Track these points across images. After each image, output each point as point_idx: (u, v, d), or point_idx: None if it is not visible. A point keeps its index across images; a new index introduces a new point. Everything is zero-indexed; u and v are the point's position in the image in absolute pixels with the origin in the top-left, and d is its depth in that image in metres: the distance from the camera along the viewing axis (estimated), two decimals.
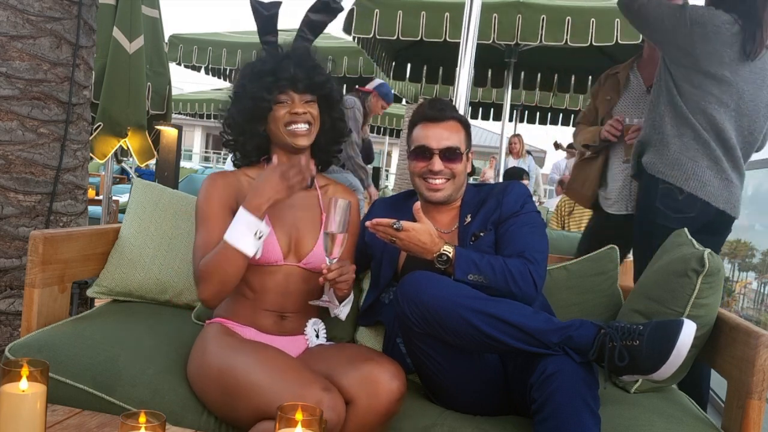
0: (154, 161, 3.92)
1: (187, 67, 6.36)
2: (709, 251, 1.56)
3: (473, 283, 1.51)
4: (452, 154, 1.69)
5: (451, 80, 5.47)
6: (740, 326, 1.49)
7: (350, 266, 1.52)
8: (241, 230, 1.48)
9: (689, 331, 1.35)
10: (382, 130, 11.36)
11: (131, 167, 7.79)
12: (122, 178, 8.43)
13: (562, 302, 1.87)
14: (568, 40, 3.87)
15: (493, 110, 7.71)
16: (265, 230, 1.51)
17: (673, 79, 2.12)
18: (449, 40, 3.85)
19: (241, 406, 1.38)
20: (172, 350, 1.65)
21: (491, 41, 3.99)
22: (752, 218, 3.53)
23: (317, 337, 1.66)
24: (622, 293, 1.91)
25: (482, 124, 17.78)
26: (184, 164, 13.11)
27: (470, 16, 2.45)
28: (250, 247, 1.49)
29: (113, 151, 3.44)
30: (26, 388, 1.06)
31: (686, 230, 1.77)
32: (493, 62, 5.44)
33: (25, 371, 1.06)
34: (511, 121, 7.77)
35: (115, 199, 4.89)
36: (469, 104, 2.58)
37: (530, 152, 8.08)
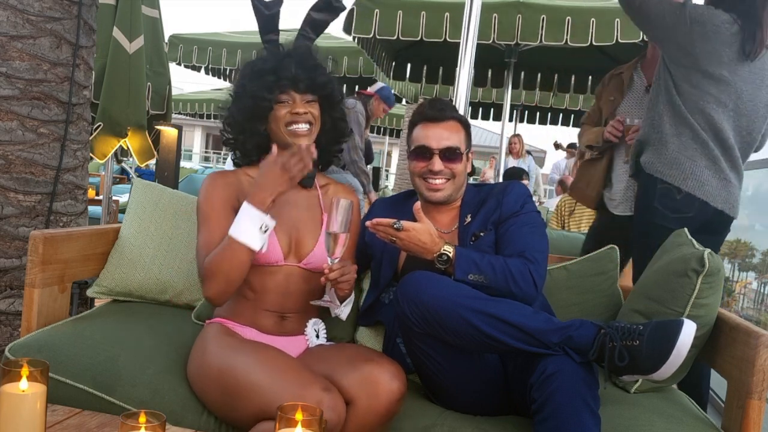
0: (154, 161, 3.92)
1: (187, 67, 6.36)
2: (709, 251, 1.56)
3: (473, 283, 1.51)
4: (452, 154, 1.69)
5: (451, 80, 5.48)
6: (740, 326, 1.49)
7: (352, 266, 1.52)
8: (246, 225, 1.47)
9: (689, 331, 1.35)
10: (382, 130, 11.37)
11: (131, 167, 7.79)
12: (122, 178, 8.43)
13: (562, 302, 1.86)
14: (568, 40, 3.87)
15: (493, 110, 7.72)
16: (270, 223, 1.50)
17: (672, 78, 2.12)
18: (449, 40, 3.85)
19: (241, 406, 1.38)
20: (172, 350, 1.65)
21: (491, 41, 3.99)
22: (752, 218, 3.53)
23: (317, 337, 1.66)
24: (622, 293, 1.91)
25: (482, 124, 17.79)
26: (184, 164, 13.11)
27: (470, 16, 2.45)
28: (256, 241, 1.48)
29: (113, 151, 3.44)
30: (26, 388, 1.06)
31: (686, 230, 1.77)
32: (493, 62, 5.44)
33: (25, 371, 1.06)
34: (511, 121, 7.77)
35: (115, 199, 4.89)
36: (469, 104, 2.58)
37: (530, 152, 8.08)
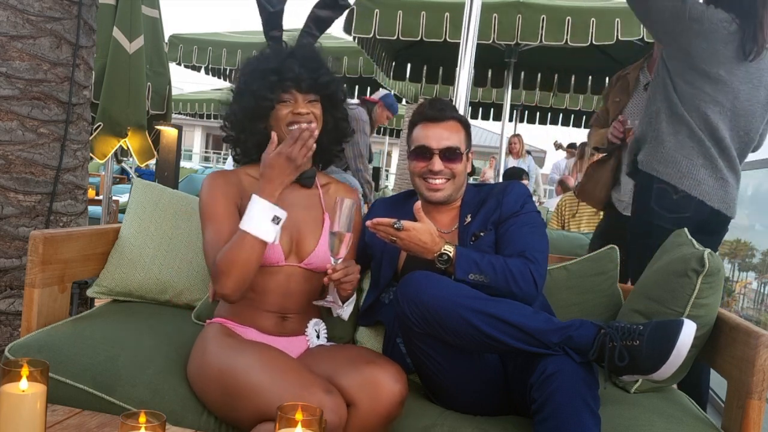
0: (154, 161, 3.92)
1: (187, 67, 6.36)
2: (709, 251, 1.56)
3: (474, 282, 1.50)
4: (452, 154, 1.69)
5: (451, 80, 5.47)
6: (740, 326, 1.49)
7: (355, 266, 1.51)
8: (257, 217, 1.46)
9: (689, 331, 1.35)
10: (382, 130, 11.37)
11: (131, 167, 7.79)
12: (122, 178, 8.43)
13: (562, 302, 1.86)
14: (568, 40, 3.87)
15: (493, 110, 7.73)
16: (282, 214, 1.49)
17: (669, 75, 2.11)
18: (449, 40, 3.85)
19: (241, 406, 1.38)
20: (172, 350, 1.65)
21: (491, 41, 3.99)
22: (752, 218, 3.53)
23: (318, 337, 1.66)
24: (622, 293, 1.91)
25: (482, 124, 17.78)
26: (184, 164, 13.10)
27: (470, 16, 2.45)
28: (269, 232, 1.47)
29: (113, 151, 3.44)
30: (26, 388, 1.06)
31: (686, 230, 1.77)
32: (493, 62, 5.44)
33: (25, 371, 1.06)
34: (511, 121, 7.77)
35: (115, 199, 4.89)
36: (469, 104, 2.58)
37: (530, 152, 8.08)
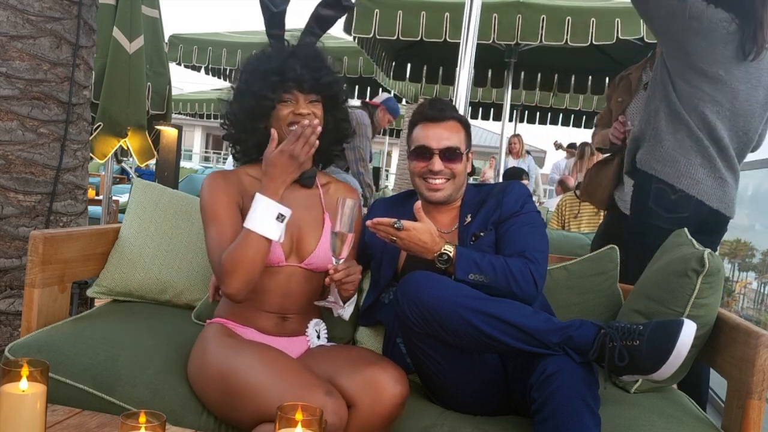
0: (154, 161, 3.92)
1: (187, 67, 6.36)
2: (708, 251, 1.56)
3: (474, 282, 1.50)
4: (452, 154, 1.69)
5: (451, 80, 5.48)
6: (740, 326, 1.49)
7: (357, 266, 1.51)
8: (261, 215, 1.46)
9: (689, 331, 1.35)
10: (382, 130, 11.33)
11: (131, 167, 7.79)
12: (122, 178, 8.43)
13: (562, 302, 1.86)
14: (568, 40, 3.88)
15: (493, 110, 7.73)
16: (287, 212, 1.49)
17: (669, 74, 2.10)
18: (449, 40, 3.85)
19: (241, 407, 1.38)
20: (172, 350, 1.65)
21: (491, 41, 4.00)
22: (752, 218, 3.53)
23: (318, 337, 1.65)
24: (622, 293, 1.91)
25: (482, 124, 17.77)
26: (184, 164, 13.10)
27: (470, 16, 2.45)
28: (274, 231, 1.47)
29: (113, 151, 3.44)
30: (26, 388, 1.06)
31: (686, 230, 1.77)
32: (493, 62, 5.44)
33: (25, 371, 1.06)
34: (511, 121, 7.78)
35: (115, 199, 4.89)
36: (469, 104, 2.58)
37: (530, 152, 8.08)
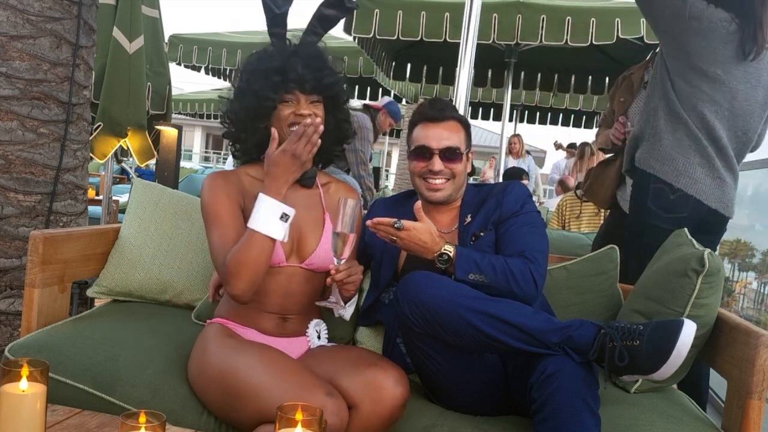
0: (154, 161, 3.92)
1: (187, 67, 6.36)
2: (708, 251, 1.56)
3: (474, 282, 1.50)
4: (452, 154, 1.69)
5: (451, 80, 5.48)
6: (740, 326, 1.49)
7: (358, 267, 1.51)
8: (265, 216, 1.46)
9: (689, 331, 1.35)
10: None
11: (131, 167, 7.79)
12: (122, 178, 8.43)
13: (562, 302, 1.86)
14: (568, 40, 3.88)
15: (493, 110, 7.74)
16: (290, 212, 1.49)
17: (668, 73, 2.10)
18: (449, 40, 3.85)
19: (242, 407, 1.38)
20: (172, 350, 1.65)
21: (491, 41, 4.00)
22: (752, 218, 3.53)
23: (319, 338, 1.65)
24: (622, 293, 1.91)
25: (482, 124, 17.77)
26: (184, 164, 13.10)
27: (470, 16, 2.45)
28: (278, 230, 1.47)
29: (113, 151, 3.44)
30: (26, 388, 1.06)
31: (686, 230, 1.77)
32: (493, 62, 5.44)
33: (25, 371, 1.06)
34: (511, 121, 7.78)
35: (115, 199, 4.89)
36: (469, 104, 2.58)
37: (530, 152, 8.08)
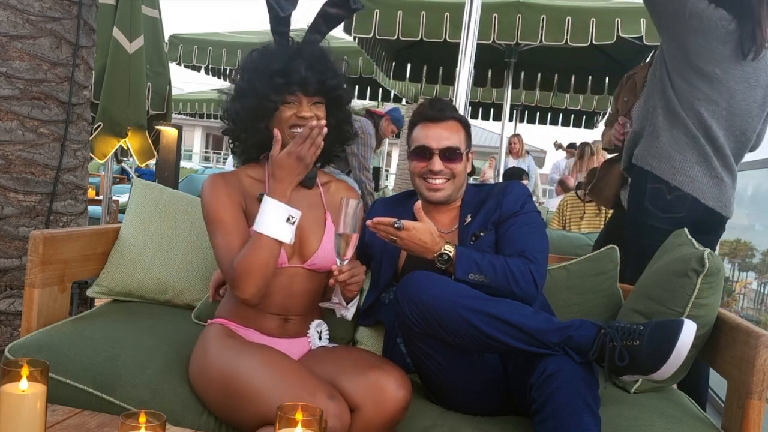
0: (154, 161, 3.92)
1: (187, 67, 6.36)
2: (708, 251, 1.56)
3: (474, 282, 1.50)
4: (452, 154, 1.69)
5: (451, 80, 5.48)
6: (740, 326, 1.49)
7: (361, 267, 1.50)
8: (271, 219, 1.45)
9: (689, 331, 1.35)
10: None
11: (131, 167, 7.79)
12: (122, 178, 8.43)
13: (562, 302, 1.86)
14: (568, 40, 3.88)
15: (493, 110, 7.73)
16: (296, 214, 1.48)
17: (668, 71, 2.10)
18: (449, 40, 3.85)
19: (243, 409, 1.38)
20: (172, 350, 1.65)
21: (491, 41, 4.00)
22: (752, 218, 3.53)
23: (320, 338, 1.65)
24: (622, 293, 1.91)
25: (482, 124, 17.76)
26: (184, 164, 13.11)
27: (470, 16, 2.45)
28: (285, 233, 1.47)
29: (113, 151, 3.44)
30: (26, 388, 1.06)
31: (686, 230, 1.77)
32: (493, 62, 5.44)
33: (25, 371, 1.06)
34: (511, 121, 7.77)
35: (115, 199, 4.89)
36: (469, 104, 2.58)
37: (530, 152, 8.07)
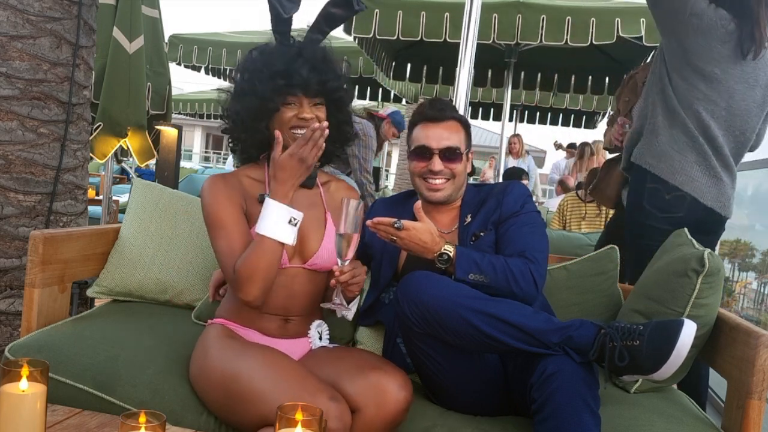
0: (154, 161, 3.92)
1: (187, 67, 6.36)
2: (708, 251, 1.56)
3: (474, 282, 1.50)
4: (452, 154, 1.69)
5: (451, 80, 5.48)
6: (740, 326, 1.49)
7: (362, 267, 1.50)
8: (274, 221, 1.45)
9: (689, 331, 1.35)
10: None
11: (131, 167, 7.79)
12: (122, 178, 8.43)
13: (562, 302, 1.87)
14: (568, 40, 3.88)
15: (493, 110, 7.73)
16: (298, 215, 1.48)
17: (667, 70, 2.10)
18: (449, 40, 3.85)
19: (244, 410, 1.38)
20: (172, 350, 1.65)
21: (491, 41, 4.00)
22: (752, 218, 3.53)
23: (320, 339, 1.65)
24: (622, 293, 1.91)
25: (482, 124, 17.76)
26: (184, 164, 13.10)
27: (470, 16, 2.45)
28: (288, 235, 1.46)
29: (113, 151, 3.44)
30: (26, 388, 1.06)
31: (686, 230, 1.77)
32: (493, 62, 5.45)
33: (25, 371, 1.06)
34: (511, 121, 7.77)
35: (115, 199, 4.89)
36: (469, 104, 2.58)
37: (529, 152, 8.07)
